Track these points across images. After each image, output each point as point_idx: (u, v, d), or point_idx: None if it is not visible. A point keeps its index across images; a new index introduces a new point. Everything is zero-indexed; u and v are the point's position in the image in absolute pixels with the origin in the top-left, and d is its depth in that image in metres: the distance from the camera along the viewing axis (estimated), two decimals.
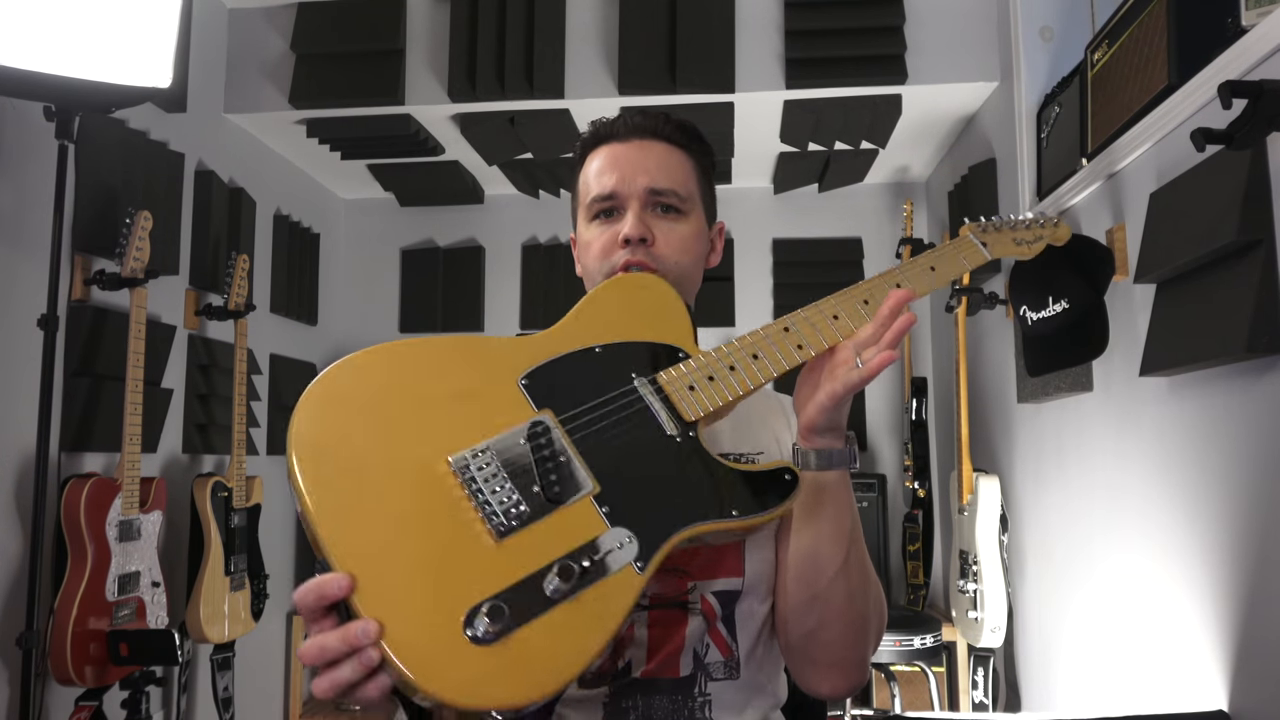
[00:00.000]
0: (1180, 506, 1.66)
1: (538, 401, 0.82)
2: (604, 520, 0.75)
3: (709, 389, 0.87)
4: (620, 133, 1.08)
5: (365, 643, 0.64)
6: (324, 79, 2.78)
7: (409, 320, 3.73)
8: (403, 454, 0.74)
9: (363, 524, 0.69)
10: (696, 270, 1.09)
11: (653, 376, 0.87)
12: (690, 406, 0.86)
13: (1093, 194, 2.04)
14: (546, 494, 0.75)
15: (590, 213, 1.08)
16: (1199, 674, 1.57)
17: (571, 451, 0.79)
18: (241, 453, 2.60)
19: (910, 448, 3.16)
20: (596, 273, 1.06)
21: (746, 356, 0.89)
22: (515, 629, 0.66)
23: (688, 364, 0.89)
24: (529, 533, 0.72)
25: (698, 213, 1.09)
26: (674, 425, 0.84)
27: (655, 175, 1.05)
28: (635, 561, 0.73)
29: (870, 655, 0.97)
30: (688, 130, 1.10)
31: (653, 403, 0.85)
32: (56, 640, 1.94)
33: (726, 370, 0.88)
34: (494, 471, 0.74)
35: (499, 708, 0.65)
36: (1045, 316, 2.02)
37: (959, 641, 2.82)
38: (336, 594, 0.66)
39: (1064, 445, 2.22)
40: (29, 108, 1.98)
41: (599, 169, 1.07)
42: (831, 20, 2.64)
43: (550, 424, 0.80)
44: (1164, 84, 1.69)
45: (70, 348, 2.12)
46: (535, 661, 0.66)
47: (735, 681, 0.99)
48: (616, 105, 2.72)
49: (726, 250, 3.62)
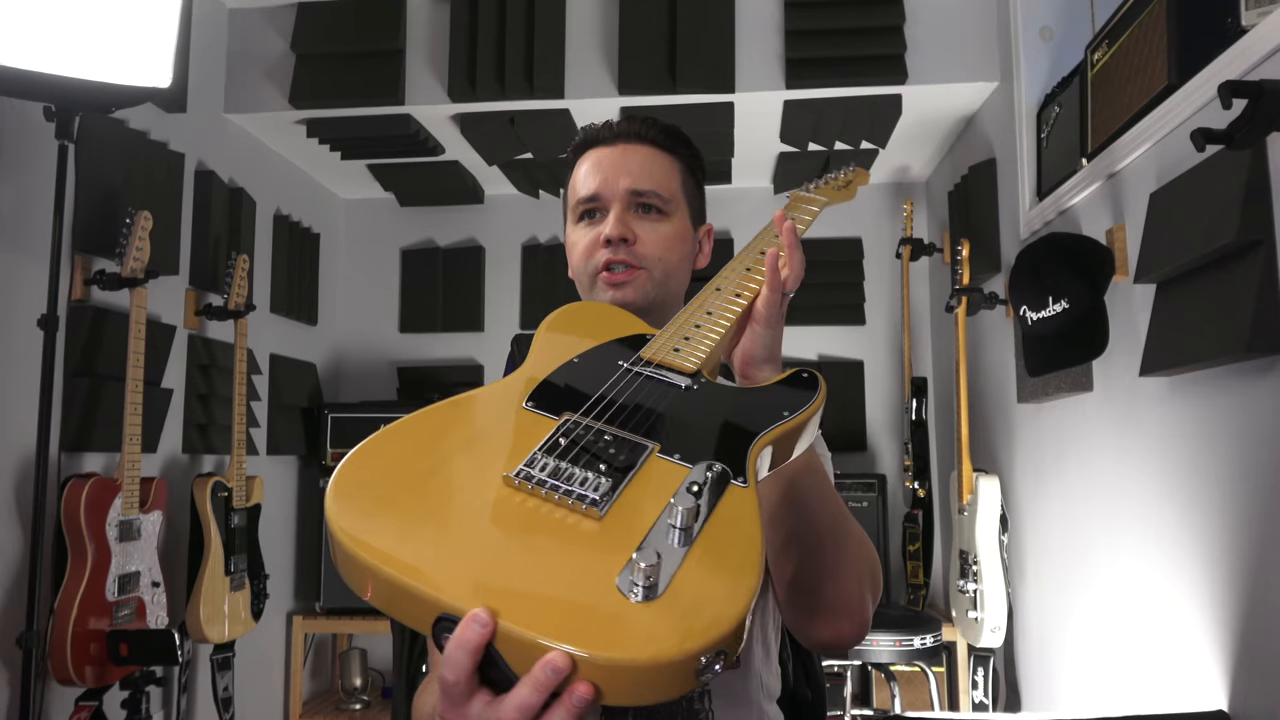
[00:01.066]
0: (1180, 507, 1.66)
1: (552, 412, 0.82)
2: (681, 464, 0.75)
3: (691, 344, 0.90)
4: (606, 137, 1.11)
5: (559, 675, 0.55)
6: (324, 79, 2.78)
7: (409, 320, 3.73)
8: (459, 492, 0.72)
9: (454, 563, 0.63)
10: (682, 270, 1.11)
11: (635, 356, 0.90)
12: (685, 360, 0.88)
13: (1093, 194, 2.04)
14: (616, 465, 0.74)
15: (576, 214, 1.11)
16: (1199, 674, 1.57)
17: (612, 429, 0.79)
18: (241, 453, 2.60)
19: (910, 448, 3.16)
20: (583, 273, 1.09)
21: (702, 313, 0.93)
22: (672, 574, 0.62)
23: (662, 334, 0.93)
24: (622, 503, 0.70)
25: (681, 214, 1.11)
26: (683, 380, 0.86)
27: (637, 176, 1.07)
28: (735, 479, 0.73)
29: (866, 601, 0.94)
30: (673, 134, 1.13)
31: (652, 372, 0.87)
32: (56, 640, 1.94)
33: (694, 328, 0.92)
34: (556, 468, 0.73)
35: (710, 646, 0.59)
36: (1045, 316, 2.02)
37: (959, 641, 2.83)
38: (483, 633, 0.56)
39: (1064, 445, 2.22)
40: (29, 108, 1.98)
41: (585, 172, 1.10)
42: (831, 20, 2.64)
43: (577, 420, 0.80)
44: (1164, 84, 1.69)
45: (70, 348, 2.12)
46: (711, 591, 0.62)
47: (734, 671, 0.99)
48: (616, 105, 2.72)
49: (726, 250, 3.63)
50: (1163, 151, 1.72)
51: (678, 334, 0.91)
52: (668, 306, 1.10)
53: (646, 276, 1.06)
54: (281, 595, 3.20)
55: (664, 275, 1.07)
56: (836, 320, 3.57)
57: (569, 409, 0.81)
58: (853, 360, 3.57)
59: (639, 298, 1.06)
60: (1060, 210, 2.18)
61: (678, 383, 0.85)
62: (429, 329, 3.72)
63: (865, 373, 3.56)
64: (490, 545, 0.66)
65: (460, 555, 0.65)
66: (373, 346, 3.74)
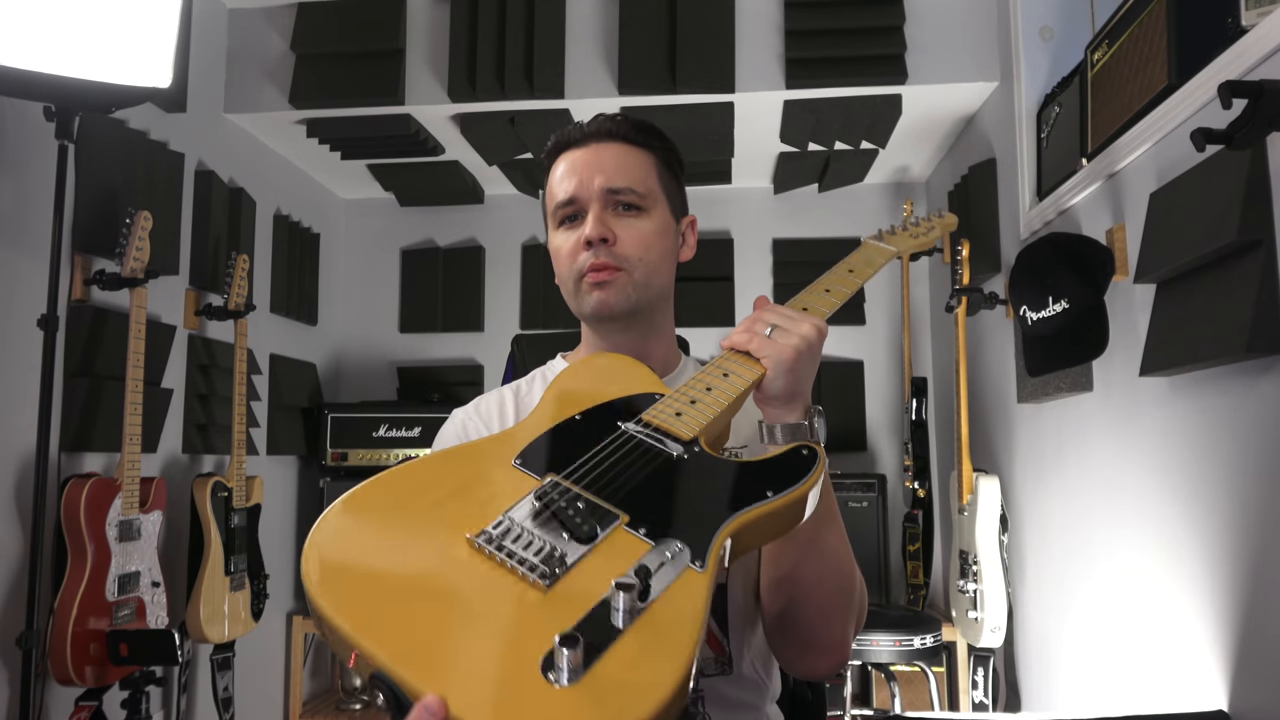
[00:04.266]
0: (1180, 506, 1.66)
1: (537, 472, 0.82)
2: (645, 540, 0.74)
3: (694, 411, 0.89)
4: (577, 138, 1.10)
5: None
6: (324, 79, 2.78)
7: (409, 320, 3.73)
8: (423, 553, 0.72)
9: (404, 630, 0.65)
10: (665, 265, 1.09)
11: (638, 417, 0.89)
12: (684, 428, 0.87)
13: (1093, 194, 2.04)
14: (578, 535, 0.73)
15: (556, 220, 1.10)
16: (1199, 674, 1.57)
17: (587, 495, 0.78)
18: (241, 453, 2.60)
19: (910, 448, 3.16)
20: (567, 277, 1.08)
21: (718, 376, 0.91)
22: (596, 659, 0.62)
23: (667, 398, 0.92)
24: (575, 575, 0.70)
25: (661, 208, 1.09)
26: (677, 448, 0.85)
27: (612, 175, 1.06)
28: (693, 563, 0.72)
29: (848, 637, 0.97)
30: (645, 128, 1.11)
31: (647, 436, 0.86)
32: (56, 640, 1.94)
33: (704, 392, 0.90)
34: (518, 533, 0.73)
35: None
36: (1045, 316, 2.02)
37: (959, 641, 2.83)
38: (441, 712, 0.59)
39: (1064, 445, 2.22)
40: (29, 108, 1.98)
41: (560, 176, 1.09)
42: (831, 20, 2.64)
43: (557, 481, 0.80)
44: (1164, 84, 1.69)
45: (70, 348, 2.12)
46: (630, 682, 0.62)
47: (728, 676, 0.99)
48: (617, 105, 2.72)
49: (726, 250, 3.63)
50: (1163, 151, 1.72)
51: (685, 396, 0.91)
52: (653, 309, 1.09)
53: (628, 278, 1.05)
54: (281, 595, 3.20)
55: (646, 276, 1.06)
56: (837, 320, 3.53)
57: (554, 469, 0.81)
58: (853, 360, 3.57)
59: (620, 301, 1.05)
60: (1060, 210, 2.18)
61: (670, 450, 0.85)
62: (429, 329, 3.72)
63: (865, 373, 3.56)
64: (445, 614, 0.67)
65: (419, 627, 0.66)
66: (373, 346, 3.74)
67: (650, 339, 1.11)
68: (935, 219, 1.26)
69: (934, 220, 1.25)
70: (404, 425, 3.20)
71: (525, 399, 1.14)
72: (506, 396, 1.15)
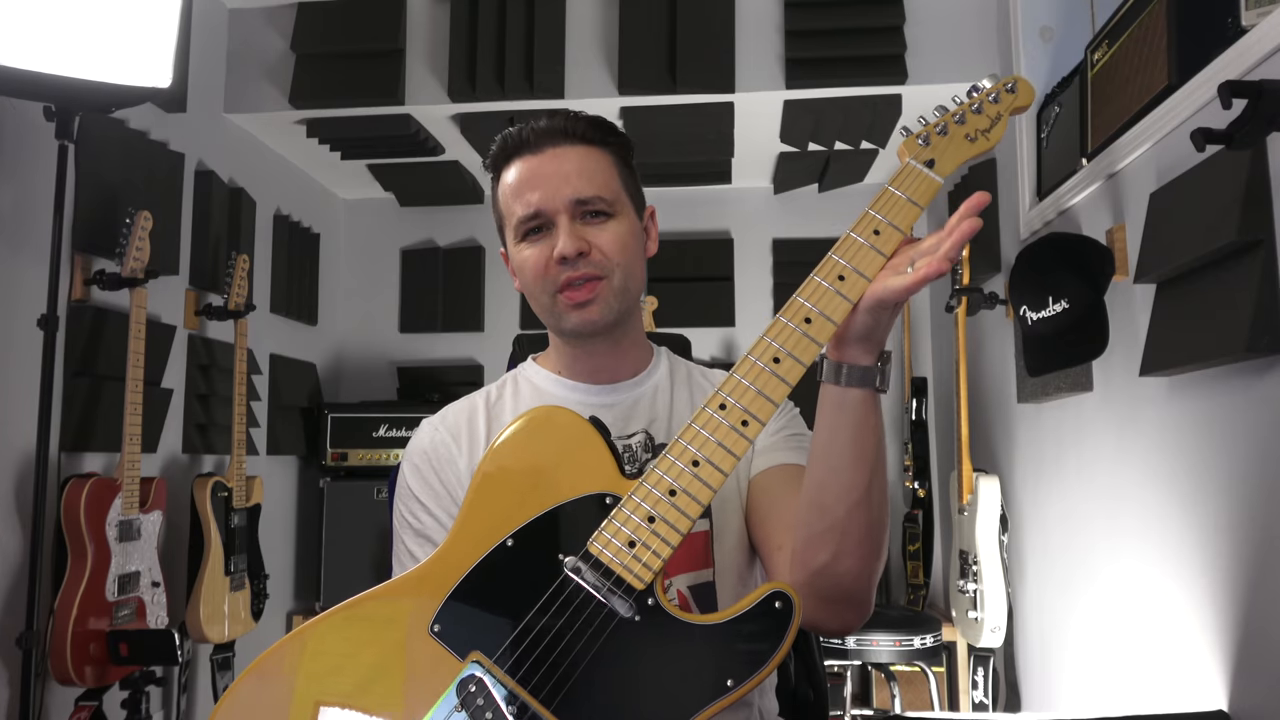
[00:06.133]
0: (1180, 507, 1.66)
1: (459, 648, 0.72)
2: None
3: (652, 536, 0.75)
4: (531, 142, 1.04)
5: None
6: (324, 79, 2.77)
7: (409, 320, 3.73)
8: None
9: None
10: (638, 265, 1.08)
11: (585, 550, 0.76)
12: (637, 571, 0.75)
13: (1093, 194, 2.04)
14: None
15: (519, 233, 1.05)
16: (1199, 674, 1.57)
17: (522, 696, 0.69)
18: (241, 453, 2.60)
19: (910, 448, 3.16)
20: (540, 292, 1.04)
21: (685, 466, 0.77)
22: None
23: (620, 514, 0.77)
24: None
25: (627, 209, 1.07)
26: (627, 604, 0.74)
27: (578, 184, 1.02)
28: None
29: (874, 593, 0.94)
30: (599, 125, 1.07)
31: (594, 587, 0.75)
32: (56, 640, 1.94)
33: (667, 499, 0.76)
34: None
35: None
36: (1045, 316, 2.02)
37: (959, 641, 2.82)
38: None
39: (1064, 445, 2.22)
40: (29, 108, 1.98)
41: (517, 186, 1.04)
42: (831, 20, 2.64)
43: (482, 673, 0.71)
44: (1164, 84, 1.69)
45: (70, 348, 2.11)
46: None
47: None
48: (616, 105, 2.73)
49: (726, 250, 3.63)
50: (1163, 151, 1.72)
51: (642, 507, 0.77)
52: (629, 315, 1.08)
53: (607, 286, 1.02)
54: (281, 595, 3.20)
55: (624, 280, 1.04)
56: None
57: (481, 645, 0.72)
58: None
59: (603, 316, 1.03)
60: (1060, 210, 2.18)
61: (618, 609, 0.73)
62: (429, 329, 3.72)
63: None
64: None
65: None
66: (373, 346, 3.74)
67: (624, 344, 1.10)
68: (1003, 93, 0.86)
69: (1001, 94, 0.86)
70: (404, 425, 3.20)
71: (495, 409, 1.11)
72: (478, 406, 1.12)
